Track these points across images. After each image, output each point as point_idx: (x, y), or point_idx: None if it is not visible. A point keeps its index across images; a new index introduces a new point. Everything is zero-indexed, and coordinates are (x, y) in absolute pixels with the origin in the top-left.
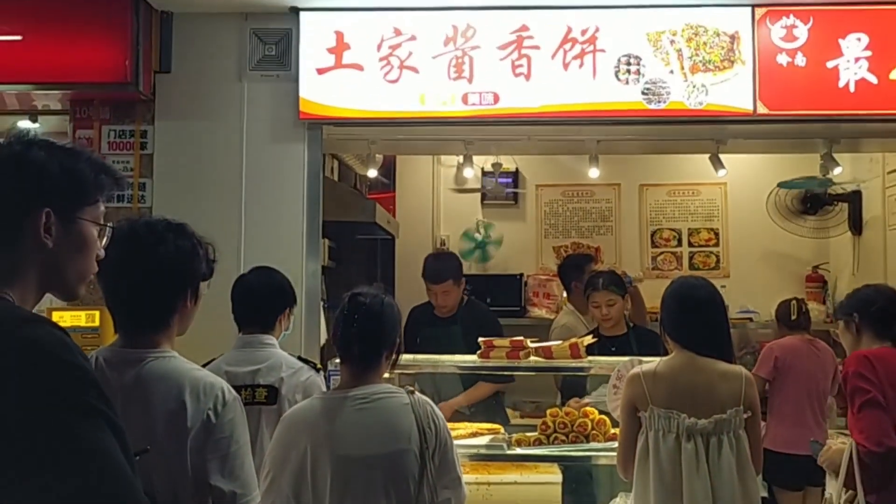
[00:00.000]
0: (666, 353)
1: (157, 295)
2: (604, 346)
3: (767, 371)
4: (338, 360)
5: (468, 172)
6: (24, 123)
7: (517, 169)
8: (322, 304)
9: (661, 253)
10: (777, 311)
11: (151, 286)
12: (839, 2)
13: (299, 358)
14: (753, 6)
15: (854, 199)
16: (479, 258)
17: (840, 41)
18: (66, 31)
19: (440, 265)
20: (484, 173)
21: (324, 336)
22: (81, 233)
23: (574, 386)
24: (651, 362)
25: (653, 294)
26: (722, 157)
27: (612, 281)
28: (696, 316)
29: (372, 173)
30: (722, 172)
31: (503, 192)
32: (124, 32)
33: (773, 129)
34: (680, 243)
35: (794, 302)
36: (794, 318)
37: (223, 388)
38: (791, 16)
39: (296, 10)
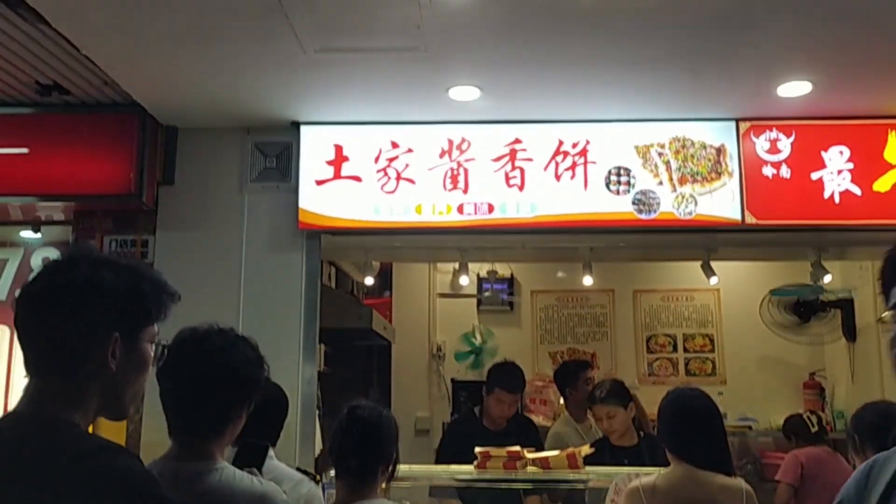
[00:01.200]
0: None
1: (220, 398)
2: (616, 456)
3: (794, 478)
4: (333, 473)
5: (464, 280)
6: (27, 234)
7: (512, 275)
8: (317, 410)
9: (657, 359)
10: (790, 425)
11: (217, 388)
12: (820, 116)
13: (298, 469)
14: (737, 120)
15: (846, 306)
16: (476, 364)
17: (823, 154)
18: (72, 144)
19: (517, 375)
20: (480, 279)
21: (318, 445)
22: (142, 354)
23: (572, 497)
24: (650, 475)
25: (651, 401)
26: (714, 264)
27: (610, 392)
28: (694, 428)
29: (369, 281)
30: (714, 280)
31: (499, 298)
32: (130, 146)
33: (763, 238)
34: (675, 349)
35: (807, 415)
36: (814, 430)
37: (276, 499)
38: (774, 130)
39: (296, 125)
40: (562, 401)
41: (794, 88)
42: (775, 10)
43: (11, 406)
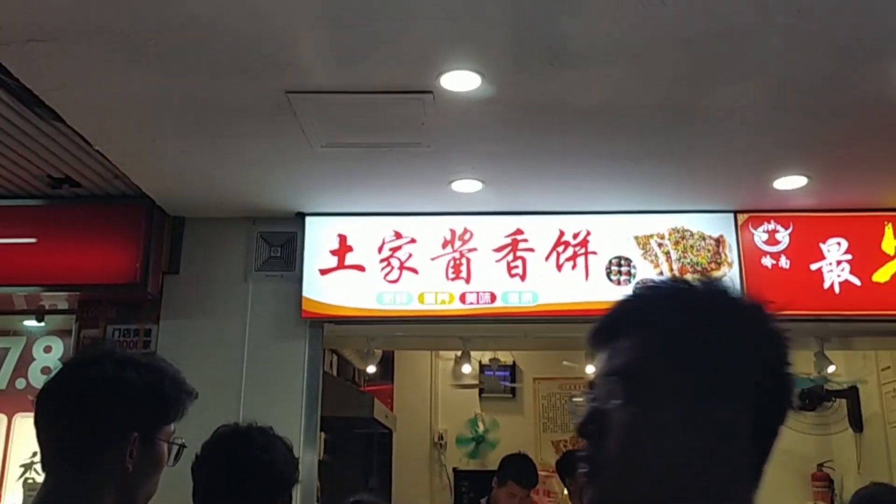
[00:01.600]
0: None
1: (257, 496)
2: None
3: None
4: None
5: (466, 368)
6: (30, 322)
7: (514, 362)
8: (317, 501)
9: None
10: None
11: (255, 485)
12: (817, 209)
13: None
14: (735, 212)
15: (852, 396)
16: (478, 453)
17: (821, 245)
18: (79, 234)
19: (532, 469)
20: (482, 367)
21: None
22: (158, 453)
23: None
24: None
25: None
26: None
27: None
28: None
29: (371, 369)
30: None
31: (501, 386)
32: (137, 237)
33: None
34: None
35: None
36: None
37: None
38: (772, 221)
39: (301, 215)
40: (566, 491)
41: (790, 182)
42: (769, 108)
43: (5, 497)
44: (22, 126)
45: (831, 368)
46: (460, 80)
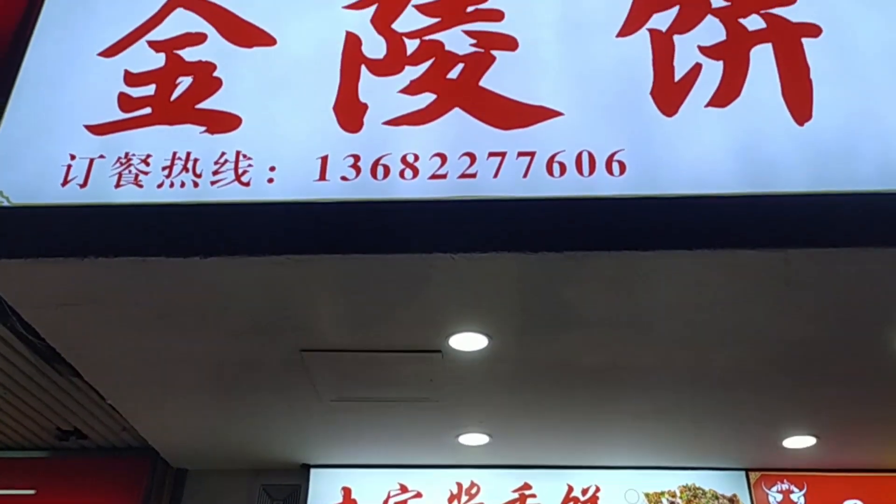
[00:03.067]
0: None
1: None
2: None
3: None
4: None
5: None
6: None
7: None
8: None
9: None
10: None
11: None
12: (830, 468)
13: None
14: (747, 470)
15: None
16: None
17: None
18: (80, 487)
19: None
20: None
21: None
22: None
23: None
24: None
25: None
26: None
27: None
28: None
29: None
30: None
31: None
32: (138, 492)
33: None
34: None
35: None
36: None
37: None
38: (785, 481)
39: (306, 467)
40: None
41: (800, 442)
42: (770, 370)
43: None
44: (39, 381)
45: None
46: (468, 341)
